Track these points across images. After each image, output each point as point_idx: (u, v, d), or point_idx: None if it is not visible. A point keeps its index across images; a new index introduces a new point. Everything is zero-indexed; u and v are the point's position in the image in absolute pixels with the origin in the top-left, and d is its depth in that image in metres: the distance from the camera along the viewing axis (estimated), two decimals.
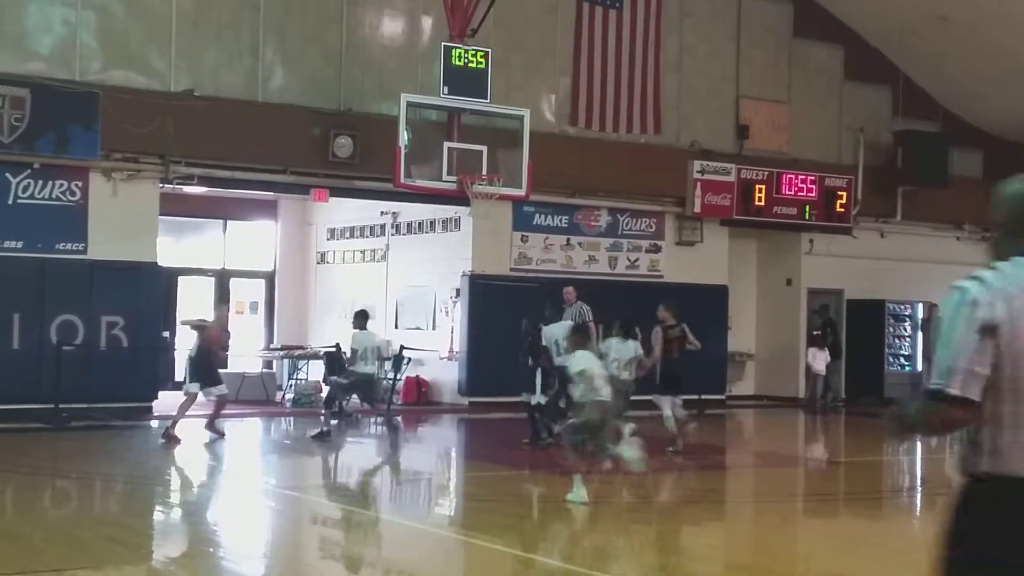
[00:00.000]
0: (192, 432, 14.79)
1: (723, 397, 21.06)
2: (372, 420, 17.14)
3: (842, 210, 22.16)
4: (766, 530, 10.26)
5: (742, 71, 21.86)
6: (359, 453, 15.52)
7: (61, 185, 16.08)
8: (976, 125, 24.29)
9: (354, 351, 14.55)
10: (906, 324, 23.45)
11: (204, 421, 14.55)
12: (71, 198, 16.16)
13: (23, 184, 15.84)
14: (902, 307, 23.41)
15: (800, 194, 21.73)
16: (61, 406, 15.28)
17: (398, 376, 19.03)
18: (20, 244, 15.82)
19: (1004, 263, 3.47)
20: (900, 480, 14.46)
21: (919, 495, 12.95)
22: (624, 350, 13.72)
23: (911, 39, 22.37)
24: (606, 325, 14.83)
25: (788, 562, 8.96)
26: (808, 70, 22.60)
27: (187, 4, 16.99)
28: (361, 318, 14.79)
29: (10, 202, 15.77)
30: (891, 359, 23.29)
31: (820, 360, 21.39)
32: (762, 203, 21.25)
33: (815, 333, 22.05)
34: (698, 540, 9.82)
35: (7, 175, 15.74)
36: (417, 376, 19.78)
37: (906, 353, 23.39)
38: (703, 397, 18.88)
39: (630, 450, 10.54)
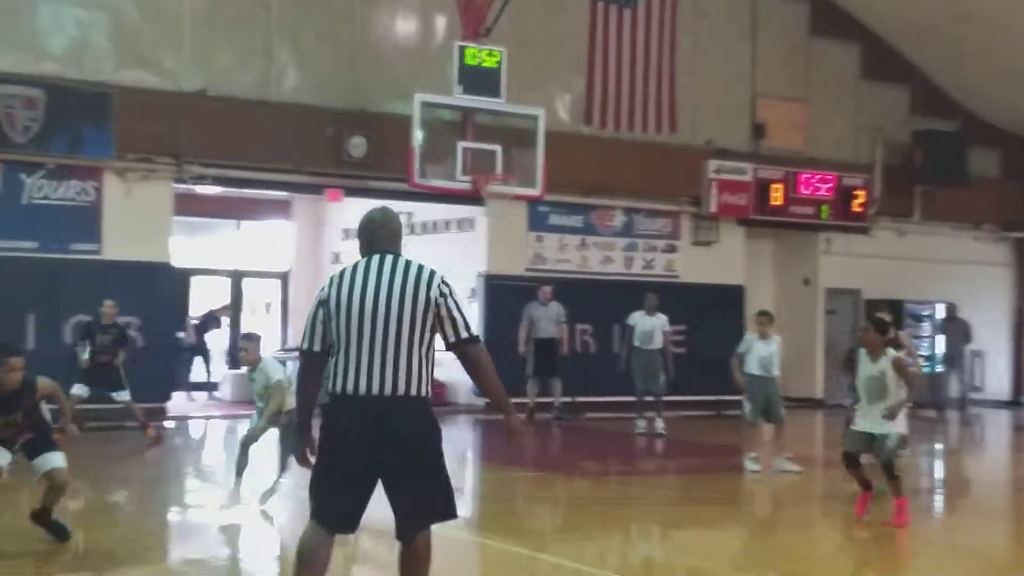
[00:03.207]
0: (211, 433, 14.76)
1: (740, 398, 20.86)
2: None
3: (859, 209, 21.99)
4: (775, 534, 10.15)
5: (758, 70, 21.71)
6: None
7: (75, 185, 16.05)
8: (994, 124, 24.10)
9: None
10: (925, 324, 23.26)
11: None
12: (85, 198, 16.13)
13: (37, 184, 15.82)
14: (921, 307, 23.22)
15: (817, 193, 21.58)
16: (75, 407, 15.20)
17: None
18: (35, 244, 15.79)
19: (352, 264, 5.43)
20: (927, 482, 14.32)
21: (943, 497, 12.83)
22: (766, 348, 13.08)
23: (929, 37, 22.21)
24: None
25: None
26: (825, 69, 22.43)
27: (199, 4, 16.94)
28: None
29: (24, 202, 15.74)
30: (910, 360, 23.08)
31: None
32: (779, 202, 21.10)
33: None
34: (712, 541, 9.71)
35: (21, 176, 15.72)
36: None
37: (926, 354, 23.19)
38: (721, 398, 18.84)
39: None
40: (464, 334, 5.33)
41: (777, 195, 21.10)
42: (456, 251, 19.77)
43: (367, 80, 17.96)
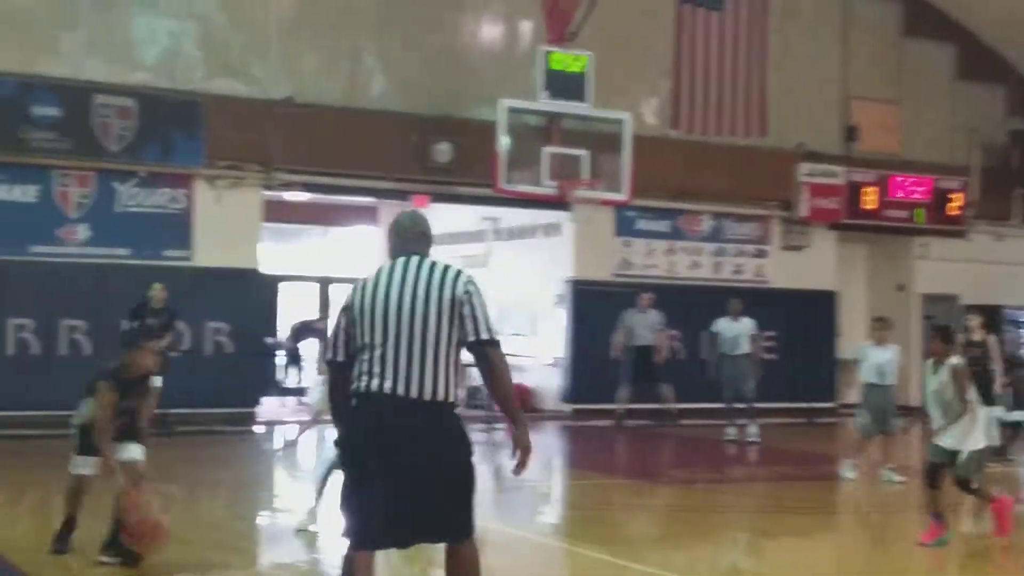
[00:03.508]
0: (300, 437, 14.81)
1: (834, 405, 20.51)
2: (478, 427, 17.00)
3: (956, 213, 21.48)
4: (869, 544, 9.86)
5: (850, 71, 21.30)
6: None
7: (167, 193, 16.30)
8: None
9: None
10: None
11: None
12: (176, 206, 16.36)
13: (130, 192, 16.09)
14: (1020, 312, 22.57)
15: (912, 197, 21.12)
16: (167, 411, 15.40)
17: None
18: (127, 252, 16.06)
19: (377, 268, 5.31)
20: None
21: None
22: (882, 355, 12.53)
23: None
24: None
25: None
26: (918, 69, 21.94)
27: (286, 12, 17.10)
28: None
29: (117, 210, 16.03)
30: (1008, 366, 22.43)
31: None
32: (872, 206, 20.68)
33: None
34: (804, 551, 9.48)
35: (114, 184, 16.01)
36: (519, 383, 19.64)
37: None
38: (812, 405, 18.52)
39: None
40: (484, 335, 5.09)
41: (870, 198, 20.69)
42: (543, 257, 19.72)
43: (453, 86, 17.96)
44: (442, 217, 20.95)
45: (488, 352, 5.12)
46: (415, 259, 5.24)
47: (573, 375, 18.86)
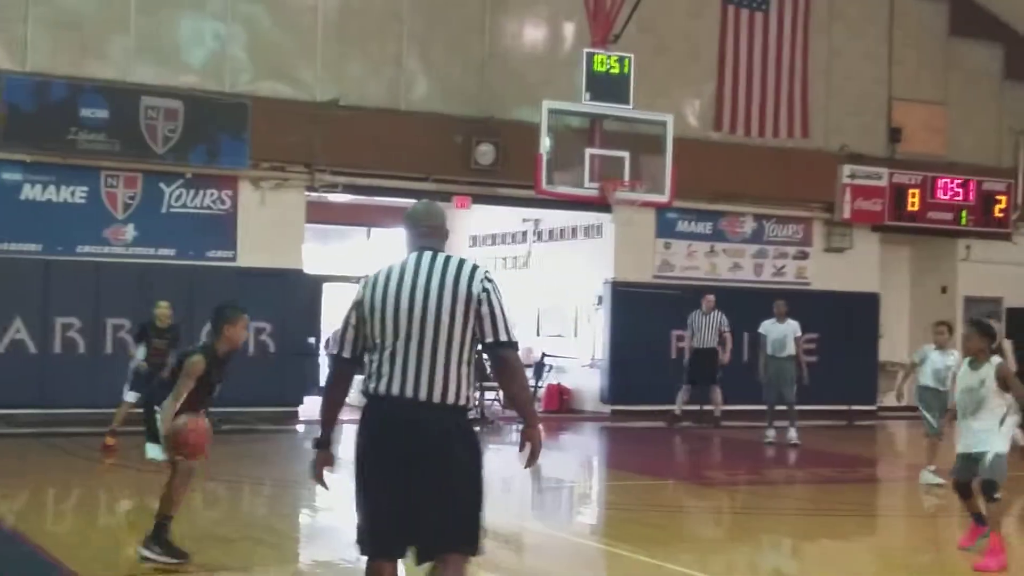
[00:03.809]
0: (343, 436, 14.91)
1: (874, 408, 20.39)
2: (514, 427, 17.08)
3: (1001, 215, 21.30)
4: (909, 548, 9.82)
5: (895, 72, 21.17)
6: (499, 460, 15.43)
7: (212, 194, 16.50)
8: None
9: None
10: None
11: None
12: (221, 207, 16.56)
13: (176, 193, 16.31)
14: None
15: (956, 199, 20.96)
16: (210, 410, 15.56)
17: (539, 383, 18.98)
18: (173, 252, 16.28)
19: (398, 260, 5.02)
20: None
21: None
22: (942, 360, 12.19)
23: None
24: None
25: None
26: (965, 70, 21.76)
27: (332, 16, 17.26)
28: None
29: (164, 211, 16.26)
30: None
31: None
32: (916, 208, 20.55)
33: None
34: (843, 554, 9.46)
35: (161, 185, 16.23)
36: (559, 383, 19.69)
37: None
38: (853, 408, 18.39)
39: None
40: (503, 336, 4.83)
41: (914, 200, 20.56)
42: (583, 258, 19.76)
43: (495, 88, 18.05)
44: (484, 218, 21.13)
45: (505, 354, 4.89)
46: (428, 254, 4.96)
47: (612, 376, 18.88)
